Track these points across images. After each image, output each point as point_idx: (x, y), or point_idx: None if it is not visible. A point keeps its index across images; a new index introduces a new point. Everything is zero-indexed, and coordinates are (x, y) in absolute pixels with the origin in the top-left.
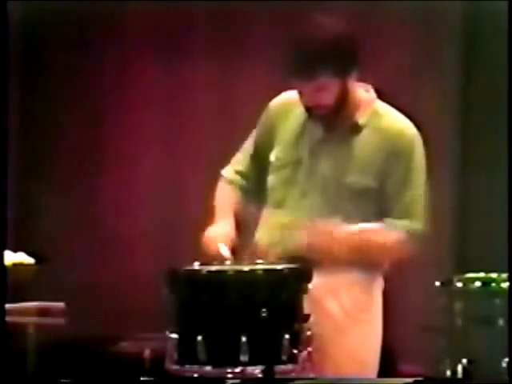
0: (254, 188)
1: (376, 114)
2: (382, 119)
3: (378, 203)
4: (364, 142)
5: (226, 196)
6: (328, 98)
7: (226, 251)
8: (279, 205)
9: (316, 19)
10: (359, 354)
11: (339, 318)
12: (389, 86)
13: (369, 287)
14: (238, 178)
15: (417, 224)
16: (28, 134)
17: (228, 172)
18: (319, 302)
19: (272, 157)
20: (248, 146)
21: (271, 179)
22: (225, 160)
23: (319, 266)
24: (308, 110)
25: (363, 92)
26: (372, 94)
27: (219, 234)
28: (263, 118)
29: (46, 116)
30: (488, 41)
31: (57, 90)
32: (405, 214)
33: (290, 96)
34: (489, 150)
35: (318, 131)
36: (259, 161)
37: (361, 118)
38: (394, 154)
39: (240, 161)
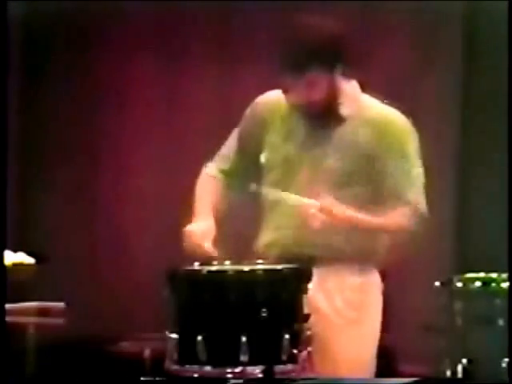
0: (238, 185)
1: (362, 105)
2: (370, 109)
3: (372, 189)
4: (352, 132)
5: (207, 192)
6: (318, 93)
7: (211, 249)
8: (276, 205)
9: (302, 18)
10: (353, 354)
11: (332, 317)
12: (389, 86)
13: (361, 286)
14: (221, 176)
15: (418, 207)
16: (28, 133)
17: (212, 170)
18: (312, 301)
19: (262, 158)
20: (232, 143)
21: (265, 182)
22: None
23: (313, 266)
24: (297, 107)
25: (347, 85)
26: (356, 85)
27: (201, 231)
28: (249, 115)
29: (45, 116)
30: (488, 41)
31: (57, 90)
32: (404, 199)
33: (276, 95)
34: (489, 150)
35: (306, 127)
36: (245, 157)
37: (346, 110)
38: (385, 141)
39: (224, 158)
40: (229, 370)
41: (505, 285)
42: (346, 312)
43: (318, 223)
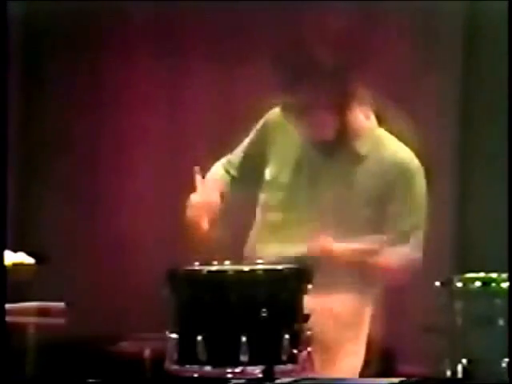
0: (239, 190)
1: (377, 143)
2: (384, 149)
3: (377, 232)
4: (365, 172)
5: (213, 179)
6: (327, 132)
7: (207, 227)
8: (275, 227)
9: (309, 50)
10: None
11: (328, 334)
12: (389, 87)
13: (358, 309)
14: (226, 176)
15: (415, 252)
16: (28, 134)
17: (218, 168)
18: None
19: (267, 175)
20: (240, 152)
21: (267, 198)
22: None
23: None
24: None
25: (363, 119)
26: (373, 121)
27: (203, 204)
28: (259, 129)
29: (46, 116)
30: (488, 41)
31: (57, 89)
32: (403, 243)
33: None
34: (489, 150)
35: (318, 157)
36: (249, 169)
37: (362, 148)
38: (393, 184)
39: (231, 163)
40: (229, 370)
41: (505, 285)
42: (341, 329)
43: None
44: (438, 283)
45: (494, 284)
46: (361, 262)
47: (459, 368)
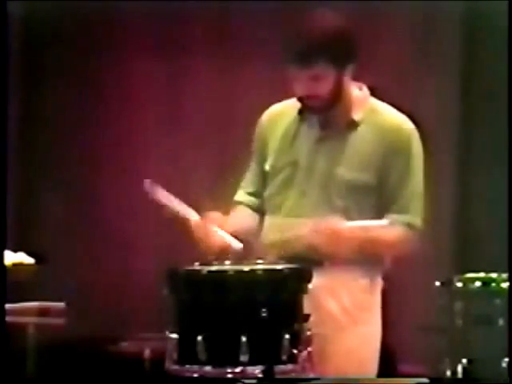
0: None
1: (372, 111)
2: (379, 115)
3: (376, 199)
4: (361, 139)
5: (232, 218)
6: (323, 88)
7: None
8: (279, 208)
9: (317, 12)
10: (359, 354)
11: (339, 318)
12: (389, 86)
13: (369, 287)
14: (250, 198)
15: (416, 219)
16: (28, 133)
17: (239, 196)
18: (319, 301)
19: (267, 167)
20: (252, 165)
21: (269, 187)
22: (224, 159)
23: (319, 266)
24: (303, 102)
25: (357, 90)
26: (366, 91)
27: (221, 220)
28: (256, 134)
29: (46, 116)
30: (488, 41)
31: (57, 89)
32: (404, 210)
33: (279, 106)
34: (489, 150)
35: (313, 131)
36: (263, 176)
37: (356, 115)
38: (391, 150)
39: (248, 182)
40: (229, 370)
41: (505, 285)
42: (355, 313)
43: (320, 241)
44: (438, 283)
45: (493, 284)
46: (367, 243)
47: (459, 368)
